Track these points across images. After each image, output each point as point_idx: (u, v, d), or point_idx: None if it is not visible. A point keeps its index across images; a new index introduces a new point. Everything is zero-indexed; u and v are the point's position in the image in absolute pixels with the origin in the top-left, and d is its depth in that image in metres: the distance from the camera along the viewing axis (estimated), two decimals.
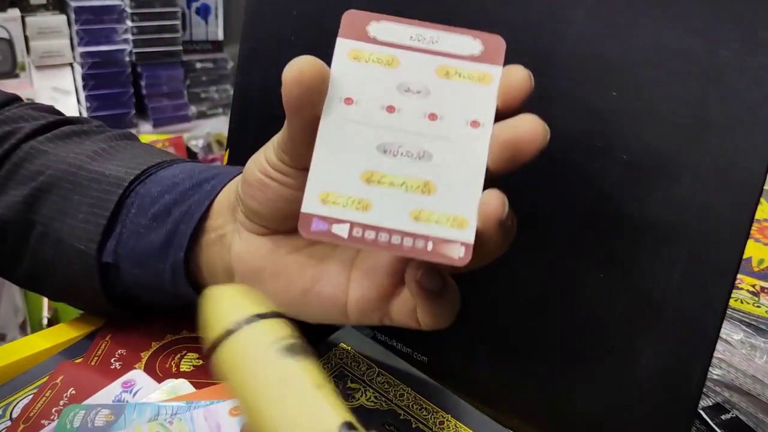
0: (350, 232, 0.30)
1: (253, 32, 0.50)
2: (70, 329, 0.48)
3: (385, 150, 0.31)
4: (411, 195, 0.30)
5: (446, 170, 0.30)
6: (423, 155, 0.30)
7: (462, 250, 0.29)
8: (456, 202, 0.30)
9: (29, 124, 0.47)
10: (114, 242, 0.42)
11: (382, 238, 0.30)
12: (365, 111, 0.31)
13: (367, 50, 0.32)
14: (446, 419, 0.39)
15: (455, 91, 0.31)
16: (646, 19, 0.34)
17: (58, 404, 0.40)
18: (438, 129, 0.31)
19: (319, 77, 0.30)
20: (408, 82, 0.31)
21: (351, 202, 0.30)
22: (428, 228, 0.30)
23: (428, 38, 0.32)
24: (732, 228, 0.32)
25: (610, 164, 0.35)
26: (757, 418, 0.43)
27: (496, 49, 0.32)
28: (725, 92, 0.32)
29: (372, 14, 0.32)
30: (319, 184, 0.30)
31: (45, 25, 1.82)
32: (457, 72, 0.31)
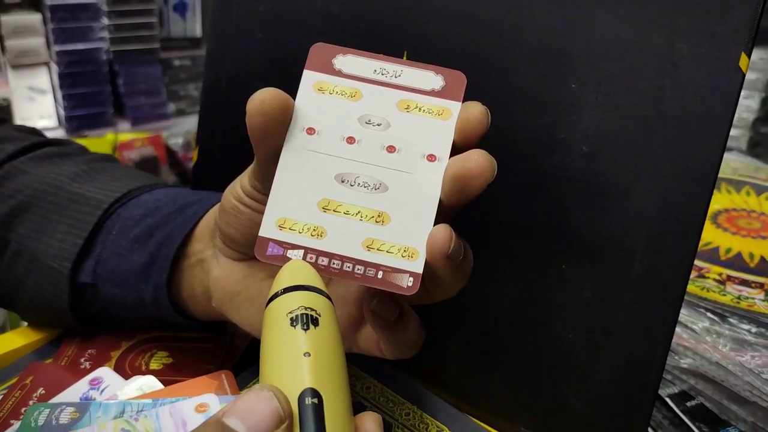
0: (304, 257, 0.31)
1: (220, 29, 0.50)
2: (41, 330, 0.48)
3: (342, 180, 0.32)
4: (365, 224, 0.31)
5: (400, 202, 0.31)
6: (379, 186, 0.31)
7: (411, 280, 0.30)
8: (408, 234, 0.31)
9: (12, 145, 0.48)
10: (93, 262, 0.42)
11: (334, 265, 0.31)
12: (326, 141, 0.32)
13: (331, 83, 0.33)
14: (412, 410, 0.39)
15: (414, 124, 0.32)
16: (605, 14, 0.35)
17: (27, 404, 0.40)
18: (395, 161, 0.32)
19: (281, 108, 0.31)
20: (369, 114, 0.32)
21: (306, 229, 0.31)
22: (379, 257, 0.31)
23: (391, 72, 0.33)
24: (688, 217, 0.33)
25: (570, 156, 0.36)
26: (722, 404, 0.43)
27: (456, 84, 0.33)
28: (681, 84, 0.33)
29: (338, 48, 0.33)
30: (277, 210, 0.31)
31: (20, 24, 1.80)
32: (417, 106, 0.32)
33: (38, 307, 0.45)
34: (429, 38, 0.39)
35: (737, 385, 0.42)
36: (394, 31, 0.40)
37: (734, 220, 0.61)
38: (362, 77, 0.33)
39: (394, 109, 0.32)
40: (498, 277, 0.39)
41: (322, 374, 0.26)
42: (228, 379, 0.39)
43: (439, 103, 0.32)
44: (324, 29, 0.44)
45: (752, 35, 0.31)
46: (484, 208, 0.38)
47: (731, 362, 0.43)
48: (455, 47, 0.38)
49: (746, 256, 0.55)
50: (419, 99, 0.32)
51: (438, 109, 0.32)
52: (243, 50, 0.48)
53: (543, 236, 0.37)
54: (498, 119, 0.37)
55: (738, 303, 0.48)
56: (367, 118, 0.32)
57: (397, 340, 0.34)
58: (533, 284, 0.38)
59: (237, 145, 0.50)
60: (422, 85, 0.33)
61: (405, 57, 0.40)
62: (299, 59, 0.45)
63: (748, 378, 0.42)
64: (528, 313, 0.38)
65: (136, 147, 1.93)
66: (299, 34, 0.45)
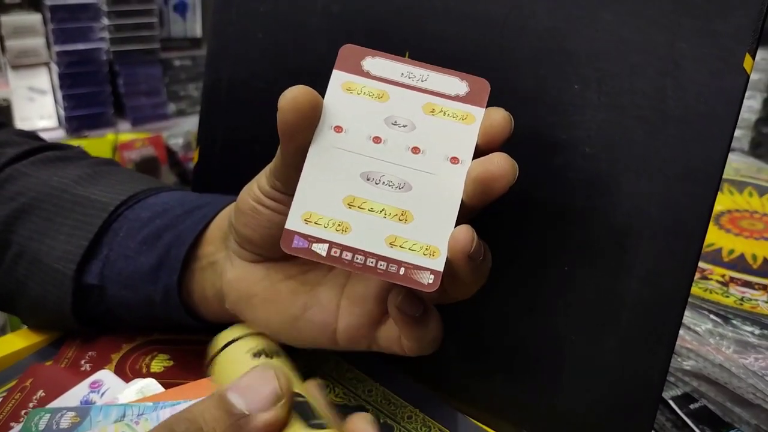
0: (329, 251, 0.32)
1: (220, 30, 0.50)
2: (41, 332, 0.48)
3: (368, 178, 0.32)
4: (388, 222, 0.32)
5: (423, 202, 0.32)
6: (403, 186, 0.32)
7: (431, 278, 0.31)
8: (429, 233, 0.32)
9: (13, 149, 0.48)
10: (100, 264, 0.42)
11: (357, 260, 0.31)
12: (353, 140, 0.33)
13: (359, 83, 0.34)
14: (414, 413, 0.39)
15: (439, 127, 0.33)
16: (607, 13, 0.34)
17: (27, 406, 0.39)
18: (419, 162, 0.33)
19: (312, 105, 0.32)
20: (395, 115, 0.33)
21: (332, 224, 0.32)
22: (402, 254, 0.31)
23: (418, 76, 0.34)
24: (692, 218, 0.32)
25: (573, 157, 0.35)
26: (725, 406, 0.43)
27: (480, 91, 0.34)
28: (683, 85, 0.32)
29: (367, 50, 0.34)
30: (303, 205, 0.32)
31: (20, 25, 1.80)
32: (442, 110, 0.33)
33: (40, 309, 0.45)
34: (430, 38, 0.39)
35: (740, 387, 0.42)
36: (394, 31, 0.40)
37: (737, 221, 0.61)
38: (389, 79, 0.34)
39: (419, 112, 0.33)
40: (500, 279, 0.38)
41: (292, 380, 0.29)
42: None
43: (463, 108, 0.33)
44: (324, 30, 0.43)
45: (756, 36, 0.31)
46: (487, 208, 0.38)
47: (734, 364, 0.43)
48: (456, 47, 0.38)
49: (749, 258, 0.55)
50: (444, 103, 0.33)
51: (462, 113, 0.33)
52: (243, 50, 0.48)
53: (545, 237, 0.37)
54: None
55: (741, 305, 0.48)
56: (393, 119, 0.33)
57: (419, 336, 0.34)
58: (536, 285, 0.37)
59: (237, 146, 0.50)
60: (447, 90, 0.34)
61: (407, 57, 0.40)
62: (300, 59, 0.45)
63: (751, 380, 0.42)
64: (530, 314, 0.38)
65: (137, 147, 1.93)
66: (300, 35, 0.45)
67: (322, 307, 0.36)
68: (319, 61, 0.44)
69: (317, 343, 0.37)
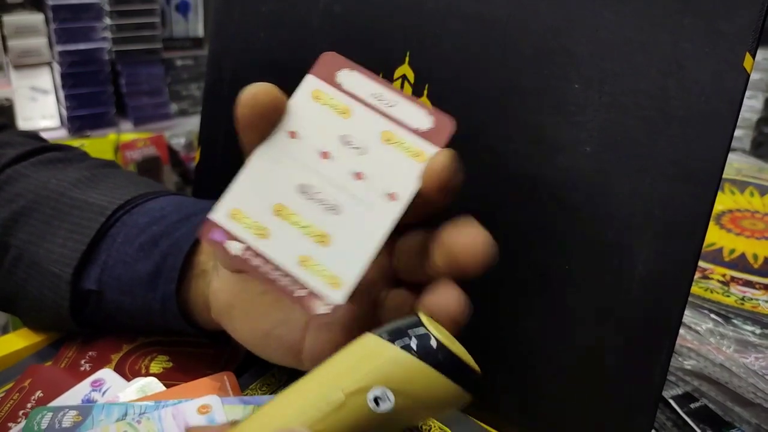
0: (241, 252, 0.31)
1: (222, 30, 0.50)
2: (42, 332, 0.48)
3: (303, 191, 0.31)
4: (307, 240, 0.31)
5: (347, 230, 0.31)
6: (334, 208, 0.31)
7: (324, 308, 0.30)
8: (341, 263, 0.31)
9: (13, 150, 0.48)
10: (98, 270, 0.42)
11: (264, 269, 0.31)
12: (302, 149, 0.32)
13: (328, 94, 0.33)
14: None
15: (390, 158, 0.31)
16: (609, 13, 0.34)
17: (25, 407, 0.39)
18: (358, 189, 0.31)
19: (272, 104, 0.31)
20: (352, 135, 0.32)
21: (253, 226, 0.31)
22: (308, 276, 0.30)
23: (387, 100, 0.32)
24: (693, 217, 0.32)
25: (574, 156, 0.35)
26: (725, 406, 0.43)
27: (443, 130, 0.32)
28: (686, 84, 0.32)
29: (347, 61, 0.33)
30: (233, 200, 0.32)
31: (22, 24, 1.80)
32: (398, 141, 0.32)
33: (39, 311, 0.45)
34: (431, 38, 0.39)
35: (741, 386, 0.42)
36: (396, 31, 0.40)
37: (738, 220, 0.61)
38: (358, 97, 0.33)
39: (376, 138, 0.32)
40: (501, 278, 0.38)
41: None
42: (230, 380, 0.39)
43: (419, 145, 0.32)
44: (326, 29, 0.44)
45: (757, 35, 0.31)
46: (488, 208, 0.38)
47: (735, 364, 0.43)
48: (458, 47, 0.38)
49: (750, 257, 0.55)
50: (403, 135, 0.32)
51: (416, 150, 0.32)
52: (245, 50, 0.48)
53: (546, 236, 0.37)
54: (502, 119, 0.37)
55: (742, 304, 0.48)
56: (348, 139, 0.32)
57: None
58: (537, 285, 0.37)
59: (239, 145, 0.50)
60: (411, 122, 0.32)
61: (408, 58, 0.40)
62: (301, 59, 0.45)
63: (752, 380, 0.42)
64: (531, 313, 0.38)
65: (139, 147, 1.92)
66: (301, 34, 0.45)
67: (291, 326, 0.36)
68: None
69: (284, 361, 0.37)
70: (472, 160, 0.38)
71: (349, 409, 0.26)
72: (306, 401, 0.27)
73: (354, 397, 0.26)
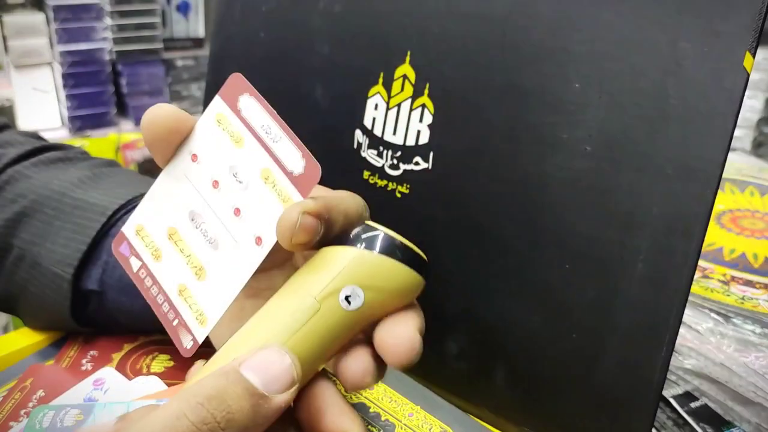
0: (138, 269, 0.32)
1: (223, 30, 0.50)
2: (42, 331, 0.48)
3: (193, 218, 0.32)
4: (187, 270, 0.31)
5: (219, 267, 0.31)
6: (213, 242, 0.31)
7: (191, 343, 0.31)
8: (209, 300, 0.31)
9: (14, 149, 0.48)
10: (99, 271, 0.43)
11: (152, 291, 0.32)
12: (199, 175, 0.32)
13: (228, 119, 0.32)
14: (415, 410, 0.39)
15: (263, 199, 0.31)
16: (609, 13, 0.34)
17: (26, 406, 0.40)
18: (234, 226, 0.31)
19: (168, 129, 0.32)
20: (239, 167, 0.31)
21: (151, 246, 0.32)
22: (182, 307, 0.31)
23: (273, 134, 0.31)
24: (692, 216, 0.32)
25: (574, 156, 0.35)
26: (726, 405, 0.43)
27: (310, 178, 0.30)
28: (684, 83, 0.32)
29: (248, 86, 0.32)
30: (141, 215, 0.32)
31: (23, 25, 1.80)
32: (273, 182, 0.31)
33: (40, 311, 0.45)
34: (432, 38, 0.39)
35: (741, 385, 0.42)
36: (397, 30, 0.40)
37: (738, 220, 0.61)
38: (251, 127, 0.31)
39: (257, 174, 0.31)
40: (501, 277, 0.39)
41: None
42: None
43: (288, 190, 0.30)
44: (326, 29, 0.44)
45: (757, 35, 0.31)
46: (488, 207, 0.38)
47: (735, 363, 0.43)
48: (458, 47, 0.38)
49: (750, 257, 0.55)
50: (278, 176, 0.30)
51: (286, 195, 0.30)
52: (246, 50, 0.48)
53: (546, 236, 0.37)
54: (501, 119, 0.37)
55: (742, 303, 0.48)
56: (236, 170, 0.31)
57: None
58: (536, 284, 0.37)
59: None
60: (287, 163, 0.30)
61: (408, 57, 0.40)
62: (302, 59, 0.45)
63: (752, 379, 0.42)
64: (531, 312, 0.38)
65: (139, 147, 1.93)
66: (302, 34, 0.45)
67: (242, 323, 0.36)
68: (321, 60, 0.44)
69: None
70: (473, 159, 0.38)
71: (324, 313, 0.28)
72: (281, 316, 0.28)
73: (327, 301, 0.28)
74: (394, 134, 0.41)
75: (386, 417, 0.39)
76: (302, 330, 0.27)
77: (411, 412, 0.39)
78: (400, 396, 0.40)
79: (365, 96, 0.42)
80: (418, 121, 0.40)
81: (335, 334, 0.28)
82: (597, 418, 0.37)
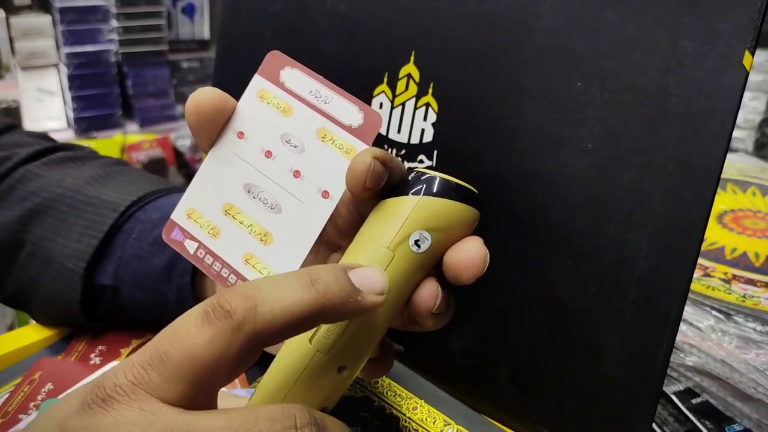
0: (196, 250, 0.33)
1: (230, 30, 0.51)
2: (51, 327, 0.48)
3: (249, 190, 0.33)
4: (251, 239, 0.32)
5: (286, 228, 0.32)
6: (275, 207, 0.32)
7: None
8: (280, 260, 0.32)
9: (25, 150, 0.49)
10: (114, 266, 0.43)
11: (215, 267, 0.32)
12: (249, 149, 0.33)
13: (272, 93, 0.33)
14: (419, 404, 0.40)
15: (324, 156, 0.32)
16: (610, 13, 0.35)
17: (35, 399, 0.40)
18: (296, 187, 0.32)
19: (215, 109, 0.33)
20: (291, 133, 0.33)
21: (206, 226, 0.33)
22: (250, 274, 0.32)
23: (323, 97, 0.33)
24: (692, 213, 0.33)
25: (576, 153, 0.36)
26: (726, 401, 0.43)
27: (372, 126, 0.32)
28: (685, 82, 0.33)
29: (290, 60, 0.33)
30: (190, 200, 0.33)
31: (30, 26, 1.81)
32: (332, 138, 0.32)
33: (51, 306, 0.46)
34: (436, 38, 0.40)
35: (742, 382, 0.43)
36: (402, 31, 0.41)
37: (740, 220, 0.61)
38: (298, 94, 0.33)
39: (312, 135, 0.32)
40: (504, 274, 0.39)
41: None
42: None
43: (350, 141, 0.32)
44: (332, 30, 0.44)
45: (756, 33, 0.31)
46: (491, 204, 0.38)
47: (736, 360, 0.43)
48: (463, 47, 0.39)
49: (752, 256, 0.55)
50: (336, 131, 0.32)
51: (348, 147, 0.32)
52: (252, 51, 0.49)
53: (549, 232, 0.37)
54: (505, 117, 0.38)
55: (743, 301, 0.48)
56: (288, 137, 0.33)
57: (371, 373, 0.35)
58: (539, 280, 0.38)
59: None
60: (344, 118, 0.32)
61: (413, 57, 0.41)
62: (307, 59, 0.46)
63: (752, 375, 0.42)
64: (533, 309, 0.38)
65: (144, 148, 1.94)
66: (308, 35, 0.45)
67: None
68: (327, 60, 0.44)
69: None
70: (476, 157, 0.39)
71: (398, 260, 0.30)
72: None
73: (399, 248, 0.30)
74: (398, 133, 0.41)
75: (391, 410, 0.39)
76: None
77: (415, 406, 0.40)
78: (404, 390, 0.41)
79: (370, 95, 0.42)
80: (423, 119, 0.40)
81: (409, 277, 0.30)
82: (598, 412, 0.37)
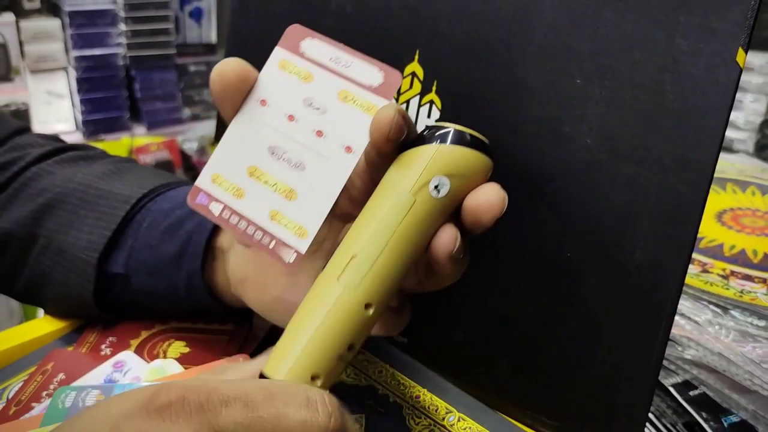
0: (221, 212, 0.35)
1: (238, 31, 0.52)
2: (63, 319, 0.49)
3: (273, 152, 0.35)
4: (276, 197, 0.34)
5: (310, 183, 0.34)
6: (299, 165, 0.34)
7: (293, 257, 0.33)
8: (305, 214, 0.34)
9: (37, 150, 0.50)
10: (125, 255, 0.44)
11: (241, 225, 0.34)
12: (272, 114, 0.35)
13: (293, 62, 0.36)
14: (422, 393, 0.41)
15: (346, 115, 0.34)
16: (609, 12, 0.36)
17: (48, 388, 0.41)
18: (319, 145, 0.34)
19: (238, 78, 0.35)
20: (313, 97, 0.35)
21: (231, 188, 0.35)
22: (277, 229, 0.34)
23: (343, 62, 0.35)
24: (688, 206, 0.34)
25: (575, 149, 0.37)
26: (723, 393, 0.44)
27: (392, 84, 0.34)
28: (681, 78, 0.34)
29: (309, 31, 0.36)
30: (215, 166, 0.35)
31: (39, 30, 1.83)
32: (353, 98, 0.35)
33: (64, 298, 0.47)
34: (440, 37, 0.41)
35: (738, 374, 0.43)
36: (406, 30, 0.42)
37: (739, 218, 0.62)
38: (318, 62, 0.35)
39: (334, 97, 0.35)
40: (504, 267, 0.40)
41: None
42: (246, 361, 0.40)
43: (371, 99, 0.34)
44: (339, 29, 0.45)
45: (749, 31, 0.32)
46: None
47: (733, 353, 0.44)
48: (466, 45, 0.40)
49: (750, 253, 0.56)
50: (357, 92, 0.35)
51: (369, 104, 0.34)
52: (260, 50, 0.50)
53: (548, 225, 0.38)
54: (506, 114, 0.39)
55: (741, 297, 0.49)
56: (310, 101, 0.35)
57: (391, 324, 0.37)
58: (539, 273, 0.39)
59: None
60: (364, 80, 0.35)
61: (417, 56, 0.42)
62: None
63: (749, 368, 0.43)
64: (533, 301, 0.39)
65: (152, 151, 1.95)
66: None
67: (298, 290, 0.37)
68: None
69: None
70: None
71: (419, 204, 0.32)
72: (382, 214, 0.32)
73: (420, 193, 0.32)
74: None
75: (394, 398, 0.40)
76: (404, 222, 0.31)
77: (418, 394, 0.41)
78: (407, 379, 0.42)
79: None
80: (426, 116, 0.41)
81: (430, 222, 0.32)
82: (596, 401, 0.38)
